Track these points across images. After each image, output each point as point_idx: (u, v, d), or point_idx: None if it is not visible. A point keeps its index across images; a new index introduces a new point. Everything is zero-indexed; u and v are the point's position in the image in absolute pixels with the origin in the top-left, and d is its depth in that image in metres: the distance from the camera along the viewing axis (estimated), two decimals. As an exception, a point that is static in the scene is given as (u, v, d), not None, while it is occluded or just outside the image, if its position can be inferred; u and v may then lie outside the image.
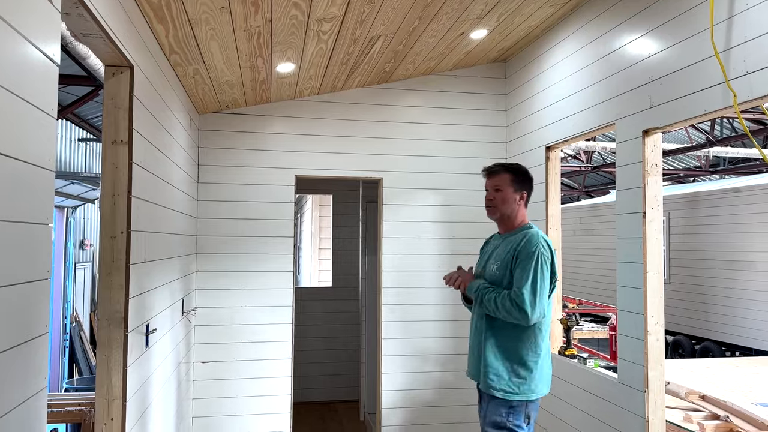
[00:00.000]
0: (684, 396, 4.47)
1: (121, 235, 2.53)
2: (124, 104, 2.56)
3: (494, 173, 3.02)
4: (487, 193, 3.03)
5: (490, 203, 3.01)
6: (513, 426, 2.80)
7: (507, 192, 2.97)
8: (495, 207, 2.99)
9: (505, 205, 2.98)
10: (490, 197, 3.01)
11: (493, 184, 3.01)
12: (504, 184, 2.98)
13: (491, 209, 3.02)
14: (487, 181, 3.04)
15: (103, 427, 2.51)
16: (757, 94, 2.57)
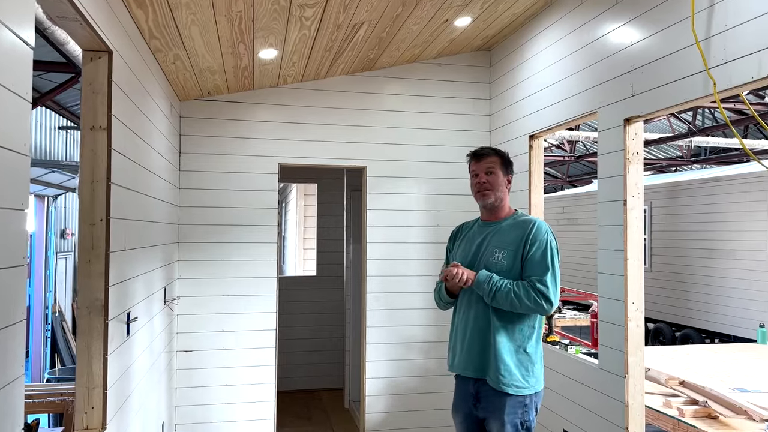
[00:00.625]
0: (664, 382, 4.53)
1: (101, 223, 2.50)
2: (102, 89, 2.53)
3: (484, 156, 2.87)
4: (477, 176, 2.86)
5: (484, 186, 2.83)
6: (529, 424, 2.72)
7: (498, 175, 2.85)
8: (490, 191, 2.83)
9: (497, 188, 2.83)
10: (483, 180, 2.84)
11: (484, 167, 2.85)
12: (495, 166, 2.85)
13: (486, 192, 2.84)
14: (476, 165, 2.88)
15: (83, 416, 2.49)
16: (737, 83, 2.60)
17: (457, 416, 2.89)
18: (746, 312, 8.23)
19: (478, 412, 2.77)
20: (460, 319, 2.86)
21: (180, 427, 4.51)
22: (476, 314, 2.78)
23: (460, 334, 2.85)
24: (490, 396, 2.72)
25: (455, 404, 2.91)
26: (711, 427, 3.65)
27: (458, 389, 2.90)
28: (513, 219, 2.86)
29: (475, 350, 2.77)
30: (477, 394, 2.77)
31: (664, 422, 3.95)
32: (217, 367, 4.65)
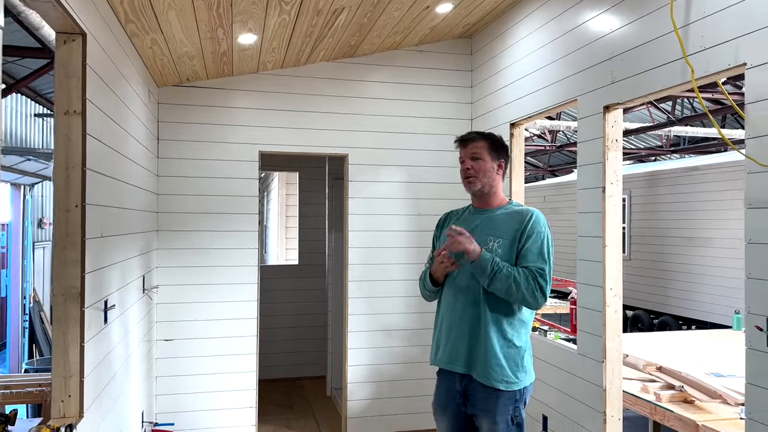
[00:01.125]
0: (642, 368, 4.59)
1: (76, 209, 2.46)
2: (76, 73, 2.48)
3: (470, 141, 2.71)
4: (463, 163, 2.71)
5: (469, 173, 2.68)
6: (520, 419, 2.61)
7: (486, 160, 2.68)
8: (475, 177, 2.67)
9: (485, 175, 2.67)
10: (468, 167, 2.68)
11: (470, 152, 2.69)
12: (482, 151, 2.68)
13: (471, 180, 2.68)
14: (462, 151, 2.72)
15: (60, 405, 2.46)
16: (714, 70, 2.62)
17: (444, 414, 2.72)
18: (722, 299, 8.37)
19: (467, 409, 2.64)
20: (447, 310, 2.69)
21: (160, 416, 4.49)
22: (465, 305, 2.62)
23: (446, 326, 2.68)
24: (479, 392, 2.59)
25: (440, 401, 2.74)
26: (687, 411, 3.71)
27: (443, 385, 2.74)
28: (507, 208, 2.72)
29: (463, 344, 2.62)
30: (465, 391, 2.63)
31: (642, 407, 4.01)
32: (198, 356, 4.63)
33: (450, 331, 2.66)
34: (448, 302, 2.69)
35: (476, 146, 2.70)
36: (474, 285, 2.61)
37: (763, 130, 2.37)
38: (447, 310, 2.69)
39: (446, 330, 2.68)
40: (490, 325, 2.57)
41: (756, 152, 2.39)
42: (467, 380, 2.62)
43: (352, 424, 4.92)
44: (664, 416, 3.80)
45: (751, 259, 2.44)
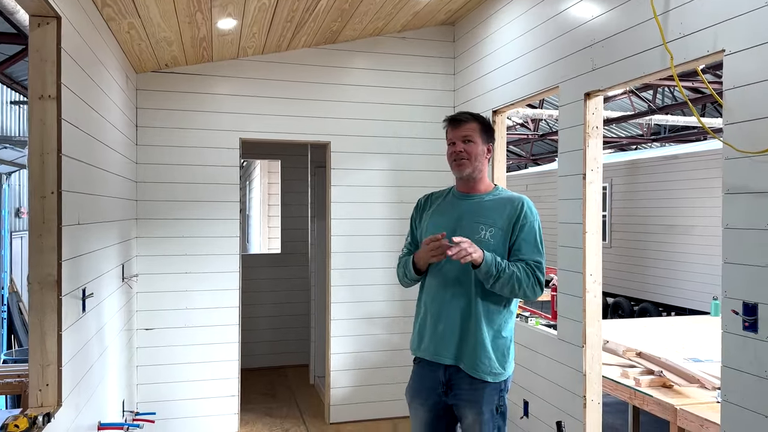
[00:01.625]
0: (622, 353, 4.65)
1: (52, 195, 2.42)
2: (51, 57, 2.43)
3: (462, 122, 2.57)
4: (454, 145, 2.57)
5: (460, 156, 2.55)
6: (504, 409, 2.58)
7: (477, 143, 2.56)
8: (467, 161, 2.54)
9: (476, 158, 2.56)
10: (460, 149, 2.54)
11: (461, 134, 2.55)
12: (474, 134, 2.55)
13: (463, 163, 2.55)
14: (453, 132, 2.58)
15: (38, 393, 2.43)
16: (693, 56, 2.64)
17: (423, 404, 2.63)
18: (701, 286, 8.50)
19: (448, 399, 2.57)
20: (433, 301, 2.58)
21: (142, 405, 4.46)
22: (454, 297, 2.53)
23: (433, 317, 2.57)
24: (464, 383, 2.52)
25: (419, 391, 2.66)
26: (666, 395, 3.76)
27: (423, 375, 2.64)
28: (496, 195, 2.62)
29: (452, 337, 2.53)
30: (449, 381, 2.55)
31: (622, 392, 4.06)
32: (179, 345, 4.60)
33: (437, 322, 2.56)
34: (434, 292, 2.58)
35: (469, 128, 2.56)
36: (465, 277, 2.52)
37: (741, 117, 2.39)
38: (433, 301, 2.58)
39: (433, 321, 2.57)
40: (482, 317, 2.50)
41: (733, 138, 2.42)
42: (452, 371, 2.54)
43: (335, 411, 4.94)
44: (643, 401, 3.85)
45: (728, 244, 2.47)
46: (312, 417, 5.12)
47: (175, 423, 4.57)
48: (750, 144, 2.34)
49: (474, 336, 2.50)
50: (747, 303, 2.36)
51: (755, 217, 2.34)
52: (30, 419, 2.16)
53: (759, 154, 2.30)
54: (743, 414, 2.39)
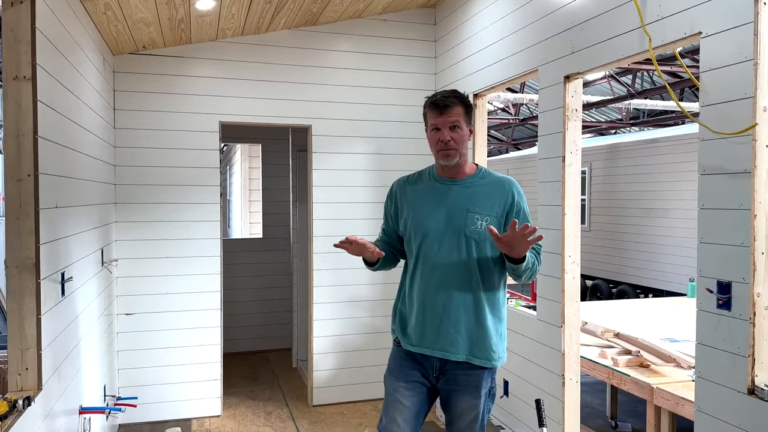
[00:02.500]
0: (600, 334, 4.72)
1: (28, 178, 2.39)
2: (25, 37, 2.38)
3: (448, 107, 2.38)
4: (439, 132, 2.39)
5: (448, 146, 2.38)
6: (494, 390, 2.55)
7: (463, 129, 2.41)
8: (455, 149, 2.39)
9: (463, 145, 2.42)
10: (447, 138, 2.37)
11: (449, 121, 2.38)
12: (460, 119, 2.39)
13: (450, 153, 2.39)
14: (438, 118, 2.39)
15: (17, 378, 2.42)
16: (670, 39, 2.66)
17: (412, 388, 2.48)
18: (678, 268, 8.64)
19: (439, 385, 2.48)
20: (434, 295, 2.41)
21: (123, 389, 4.44)
22: (458, 290, 2.39)
23: (436, 313, 2.41)
24: (460, 371, 2.43)
25: (405, 374, 2.50)
26: (643, 375, 3.84)
27: (412, 360, 2.51)
28: (482, 178, 2.49)
29: (461, 333, 2.40)
30: (442, 368, 2.45)
31: (600, 372, 4.14)
32: (160, 330, 4.58)
33: (442, 318, 2.40)
34: (436, 287, 2.42)
35: (455, 113, 2.38)
36: (466, 269, 2.40)
37: (717, 98, 2.43)
38: (435, 295, 2.41)
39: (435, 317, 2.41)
40: (486, 307, 2.41)
41: (709, 120, 2.45)
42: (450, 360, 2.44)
43: (318, 393, 4.96)
44: (621, 380, 3.93)
45: (703, 224, 2.51)
46: (295, 400, 5.14)
47: (157, 407, 4.57)
48: (725, 125, 2.38)
49: (483, 328, 2.40)
50: (721, 282, 2.41)
51: (730, 198, 2.38)
52: (10, 403, 2.14)
53: (734, 135, 2.34)
54: (717, 389, 2.45)
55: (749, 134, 2.29)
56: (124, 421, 4.46)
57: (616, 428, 4.76)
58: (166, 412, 4.59)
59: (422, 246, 2.45)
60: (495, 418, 4.35)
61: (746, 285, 2.31)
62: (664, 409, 3.60)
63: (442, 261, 2.41)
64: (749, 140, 2.29)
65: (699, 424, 2.55)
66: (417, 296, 2.46)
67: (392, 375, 2.55)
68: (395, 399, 2.49)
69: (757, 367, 2.31)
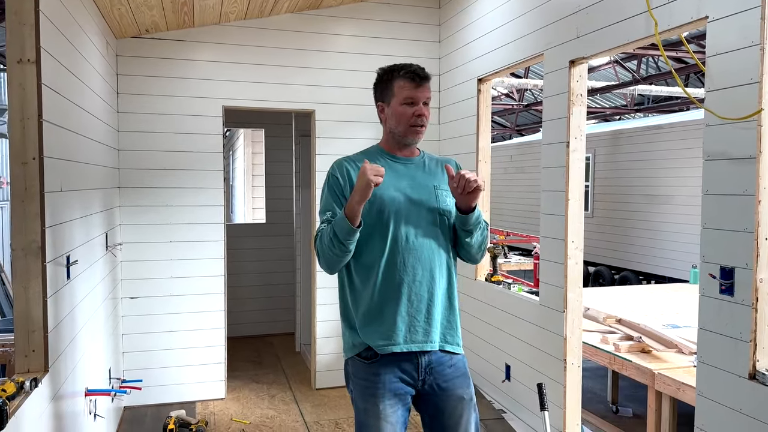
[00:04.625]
0: (602, 320, 4.75)
1: (33, 162, 2.40)
2: (29, 20, 2.38)
3: (426, 80, 2.21)
4: (417, 107, 2.19)
5: (422, 123, 2.22)
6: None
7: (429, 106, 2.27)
8: (425, 127, 2.24)
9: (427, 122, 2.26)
10: (423, 113, 2.21)
11: (425, 95, 2.21)
12: (429, 96, 2.25)
13: (422, 130, 2.23)
14: (415, 91, 2.19)
15: (24, 359, 2.44)
16: (677, 23, 2.64)
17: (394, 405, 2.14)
18: (681, 254, 8.64)
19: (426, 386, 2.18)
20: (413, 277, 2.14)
21: (128, 372, 4.48)
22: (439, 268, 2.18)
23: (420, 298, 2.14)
24: (446, 361, 2.19)
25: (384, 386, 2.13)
26: (644, 360, 3.86)
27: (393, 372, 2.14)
28: (429, 157, 2.34)
29: (438, 318, 2.18)
30: (428, 366, 2.16)
31: (602, 357, 4.16)
32: (165, 314, 4.61)
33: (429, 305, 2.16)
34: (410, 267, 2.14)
35: (429, 89, 2.23)
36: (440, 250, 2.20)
37: (722, 84, 2.42)
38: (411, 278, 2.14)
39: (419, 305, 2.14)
40: (455, 285, 2.25)
41: (715, 105, 2.44)
42: (432, 354, 2.17)
43: (321, 377, 5.00)
44: (622, 366, 3.95)
45: (707, 210, 2.51)
46: (298, 383, 5.18)
47: (162, 390, 4.61)
48: (731, 111, 2.37)
49: (454, 308, 2.23)
50: (724, 267, 2.41)
51: (734, 183, 2.38)
52: (17, 384, 2.17)
53: (739, 121, 2.34)
54: (718, 374, 2.47)
55: (755, 120, 2.28)
56: (129, 404, 4.50)
57: (616, 413, 4.79)
58: (170, 395, 4.63)
59: (397, 228, 2.14)
60: (497, 402, 4.38)
61: (749, 270, 2.31)
62: (665, 394, 3.63)
63: (420, 242, 2.15)
64: (755, 126, 2.29)
65: (700, 409, 2.57)
66: (396, 286, 2.13)
67: (369, 394, 2.15)
68: (380, 422, 2.11)
69: (759, 352, 2.33)
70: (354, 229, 2.04)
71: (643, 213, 9.45)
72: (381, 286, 2.15)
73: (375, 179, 1.99)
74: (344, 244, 2.06)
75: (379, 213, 2.15)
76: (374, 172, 2.00)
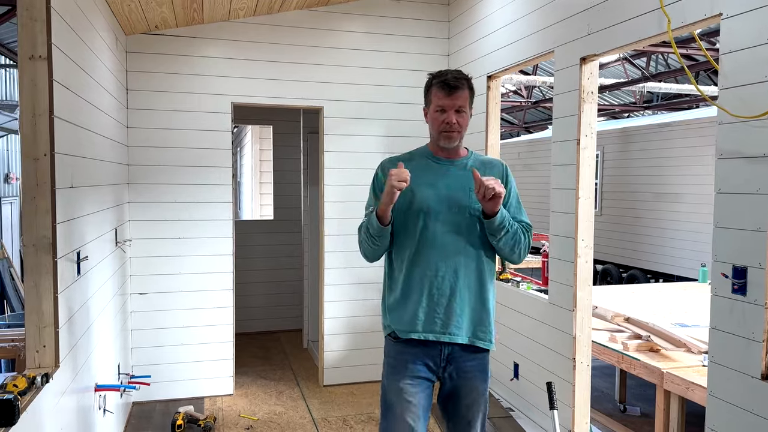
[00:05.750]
0: (610, 319, 4.73)
1: (45, 158, 2.40)
2: (41, 16, 2.38)
3: (458, 89, 2.31)
4: (446, 114, 2.32)
5: (454, 128, 2.33)
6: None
7: (467, 113, 2.37)
8: (459, 132, 2.35)
9: (465, 129, 2.38)
10: (454, 121, 2.32)
11: (456, 104, 2.32)
12: (466, 104, 2.35)
13: (454, 135, 2.34)
14: (445, 99, 2.31)
15: (35, 355, 2.45)
16: (690, 20, 2.62)
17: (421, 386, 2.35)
18: (690, 253, 8.60)
19: (445, 375, 2.38)
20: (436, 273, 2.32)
21: (137, 368, 4.50)
22: (465, 266, 2.32)
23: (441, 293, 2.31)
24: (467, 356, 2.36)
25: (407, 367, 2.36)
26: (653, 359, 3.84)
27: (414, 355, 2.36)
28: (475, 159, 2.45)
29: (466, 312, 2.33)
30: (450, 355, 2.35)
31: (610, 356, 4.14)
32: (173, 309, 4.62)
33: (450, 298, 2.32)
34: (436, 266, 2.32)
35: (463, 97, 2.33)
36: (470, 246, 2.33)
37: (736, 81, 2.40)
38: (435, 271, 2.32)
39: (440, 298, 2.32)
40: (488, 284, 2.38)
41: (728, 103, 2.42)
42: (456, 345, 2.35)
43: (328, 373, 5.01)
44: (630, 364, 3.93)
45: (719, 209, 2.49)
46: (306, 380, 5.19)
47: (170, 385, 4.62)
48: (744, 109, 2.35)
49: (487, 309, 2.37)
50: (737, 266, 2.39)
51: (747, 182, 2.36)
52: (29, 379, 2.18)
53: (753, 119, 2.31)
54: (730, 374, 2.45)
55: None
56: (137, 399, 4.52)
57: (624, 412, 4.78)
58: (179, 391, 4.65)
59: (425, 225, 2.33)
60: (505, 401, 4.37)
61: (762, 270, 2.30)
62: (674, 393, 3.61)
63: (447, 240, 2.32)
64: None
65: (711, 409, 2.55)
66: (419, 279, 2.34)
67: (394, 372, 2.39)
68: (401, 398, 2.34)
69: (772, 352, 2.31)
70: (382, 227, 2.30)
71: (652, 211, 9.40)
72: (407, 277, 2.37)
73: (398, 185, 2.20)
74: (375, 238, 2.35)
75: (412, 210, 2.35)
76: (398, 178, 2.20)
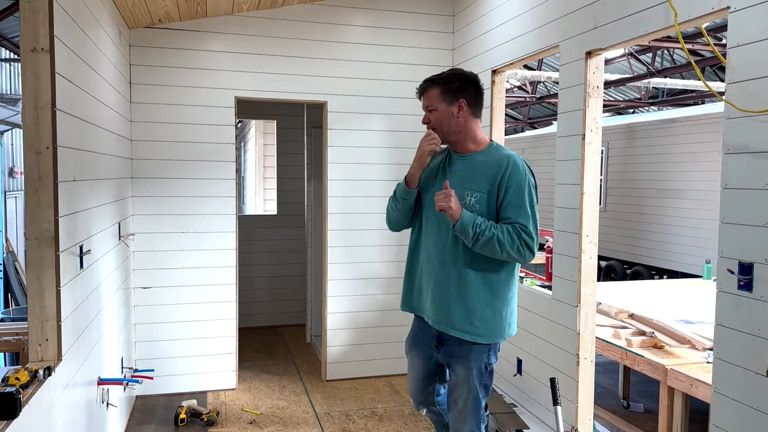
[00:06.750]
0: (614, 315, 4.71)
1: (47, 151, 2.39)
2: (43, 8, 2.37)
3: (424, 92, 2.59)
4: (424, 116, 2.62)
5: (429, 127, 2.59)
6: (492, 366, 2.60)
7: (440, 109, 2.53)
8: (436, 129, 2.56)
9: (442, 124, 2.53)
10: (425, 120, 2.59)
11: (425, 104, 2.59)
12: (435, 101, 2.54)
13: (435, 132, 2.58)
14: (422, 103, 2.63)
15: (38, 348, 2.45)
16: (697, 13, 2.60)
17: (420, 354, 2.72)
18: (694, 249, 8.56)
19: (440, 355, 2.64)
20: (425, 261, 2.59)
21: (140, 362, 4.51)
22: (445, 263, 2.52)
23: (426, 279, 2.60)
24: (453, 342, 2.55)
25: (416, 340, 2.74)
26: (656, 356, 3.82)
27: (421, 327, 2.70)
28: (488, 154, 2.53)
29: (445, 301, 2.52)
30: (440, 337, 2.61)
31: (613, 352, 4.13)
32: (177, 304, 4.62)
33: (435, 287, 2.55)
34: (429, 255, 2.57)
35: (429, 96, 2.56)
36: (455, 243, 2.49)
37: (744, 76, 2.37)
38: (426, 261, 2.59)
39: (426, 282, 2.59)
40: (474, 283, 2.48)
41: (736, 98, 2.40)
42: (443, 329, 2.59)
43: (331, 368, 5.01)
44: (634, 361, 3.92)
45: (726, 204, 2.47)
46: (309, 374, 5.19)
47: (174, 379, 4.63)
48: (752, 103, 2.33)
49: (467, 302, 2.48)
50: (743, 262, 2.38)
51: (754, 177, 2.34)
52: (31, 372, 2.17)
53: (761, 113, 2.29)
54: (735, 371, 2.43)
55: (777, 113, 2.24)
56: (141, 393, 4.52)
57: (627, 408, 4.76)
58: (182, 385, 4.65)
59: (422, 217, 2.64)
60: (508, 396, 4.36)
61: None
62: (678, 390, 3.59)
63: (434, 234, 2.56)
64: (776, 119, 2.24)
65: (716, 406, 2.54)
66: (416, 263, 2.66)
67: (408, 339, 2.81)
68: (410, 365, 2.80)
69: (777, 349, 2.29)
70: (408, 190, 2.60)
71: (656, 207, 9.36)
72: (410, 260, 2.71)
73: (428, 147, 2.53)
74: (399, 200, 2.64)
75: (421, 201, 2.64)
76: (428, 141, 2.52)
